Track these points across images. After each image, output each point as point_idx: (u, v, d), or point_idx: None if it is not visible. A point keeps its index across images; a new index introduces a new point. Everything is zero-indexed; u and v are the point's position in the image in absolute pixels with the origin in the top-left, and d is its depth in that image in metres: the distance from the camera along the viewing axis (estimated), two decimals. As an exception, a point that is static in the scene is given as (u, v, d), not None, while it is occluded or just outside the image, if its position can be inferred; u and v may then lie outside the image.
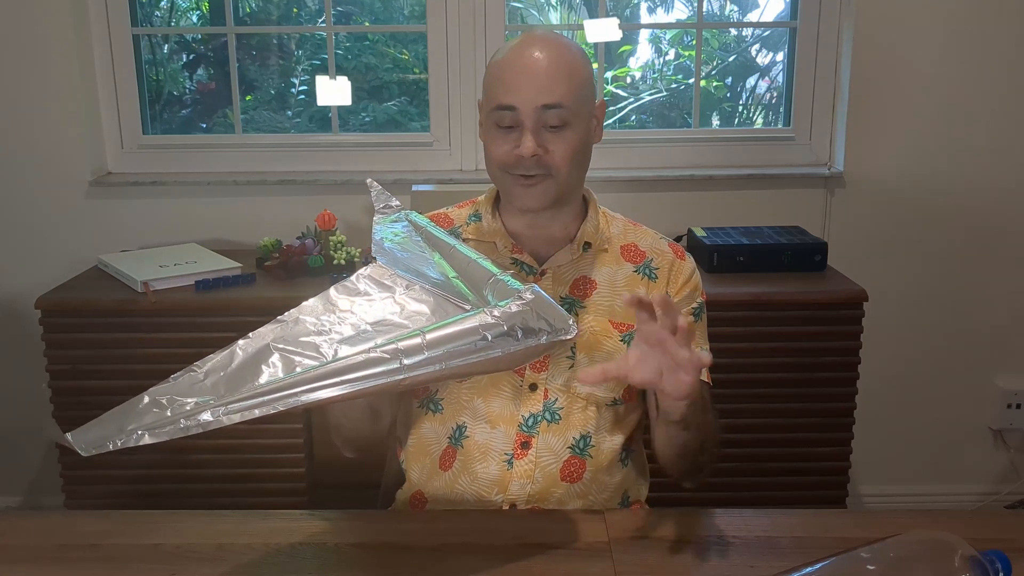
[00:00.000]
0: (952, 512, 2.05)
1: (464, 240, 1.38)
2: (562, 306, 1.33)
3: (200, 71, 3.02)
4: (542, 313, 1.03)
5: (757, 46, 3.17)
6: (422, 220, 1.29)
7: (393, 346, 0.98)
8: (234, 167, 2.57)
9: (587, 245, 1.37)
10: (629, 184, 2.50)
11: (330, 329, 1.11)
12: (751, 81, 3.21)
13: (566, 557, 1.14)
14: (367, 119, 2.91)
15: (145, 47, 2.74)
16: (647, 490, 1.47)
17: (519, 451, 1.31)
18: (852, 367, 2.15)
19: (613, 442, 1.35)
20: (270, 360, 1.04)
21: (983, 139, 2.46)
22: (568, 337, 1.03)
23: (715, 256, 2.23)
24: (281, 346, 1.06)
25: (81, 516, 1.30)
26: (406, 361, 0.98)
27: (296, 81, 2.97)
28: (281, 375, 1.02)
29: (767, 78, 3.14)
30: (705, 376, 1.38)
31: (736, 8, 3.06)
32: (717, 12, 3.05)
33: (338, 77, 2.56)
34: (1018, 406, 2.61)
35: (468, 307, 1.13)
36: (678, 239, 2.34)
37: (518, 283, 1.09)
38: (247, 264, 2.28)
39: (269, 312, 1.74)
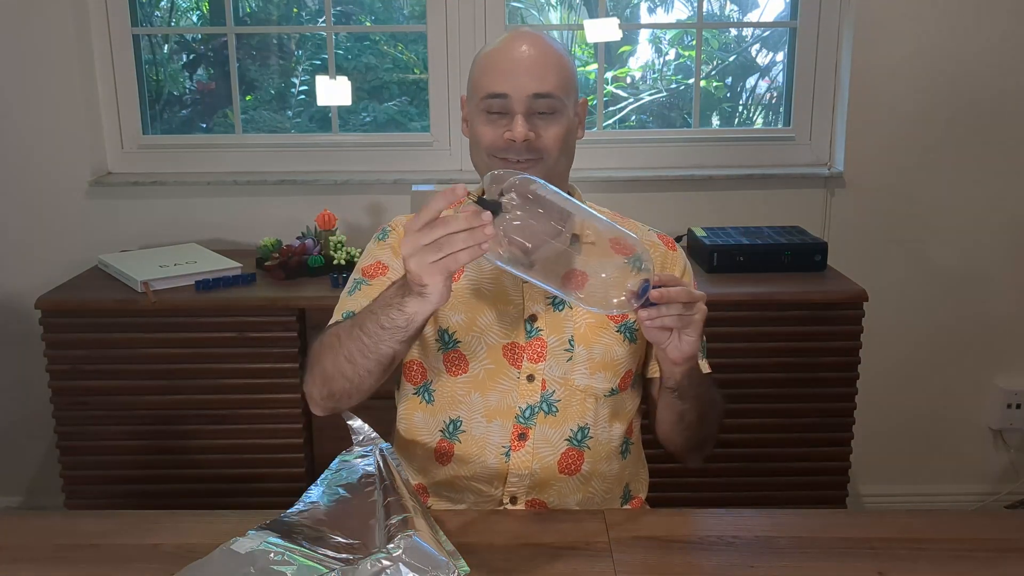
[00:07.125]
0: (952, 512, 2.05)
1: None
2: (553, 300, 1.33)
3: (200, 71, 3.01)
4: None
5: (757, 46, 3.16)
6: (393, 460, 1.14)
7: None
8: (234, 167, 2.57)
9: (575, 238, 1.37)
10: (629, 184, 2.49)
11: None
12: (751, 81, 3.20)
13: (566, 557, 1.14)
14: (367, 119, 2.91)
15: (145, 47, 2.74)
16: (648, 485, 1.48)
17: (516, 443, 1.32)
18: (852, 367, 2.15)
19: (612, 433, 1.36)
20: None
21: (982, 139, 2.46)
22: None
23: (715, 256, 2.23)
24: None
25: (81, 516, 1.30)
26: None
27: (296, 81, 2.97)
28: None
29: (767, 78, 3.13)
30: (706, 367, 1.39)
31: (736, 8, 3.05)
32: (717, 12, 3.05)
33: (338, 77, 2.56)
34: (1018, 406, 2.61)
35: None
36: (678, 239, 2.34)
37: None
38: (247, 264, 2.27)
39: (269, 312, 1.72)
